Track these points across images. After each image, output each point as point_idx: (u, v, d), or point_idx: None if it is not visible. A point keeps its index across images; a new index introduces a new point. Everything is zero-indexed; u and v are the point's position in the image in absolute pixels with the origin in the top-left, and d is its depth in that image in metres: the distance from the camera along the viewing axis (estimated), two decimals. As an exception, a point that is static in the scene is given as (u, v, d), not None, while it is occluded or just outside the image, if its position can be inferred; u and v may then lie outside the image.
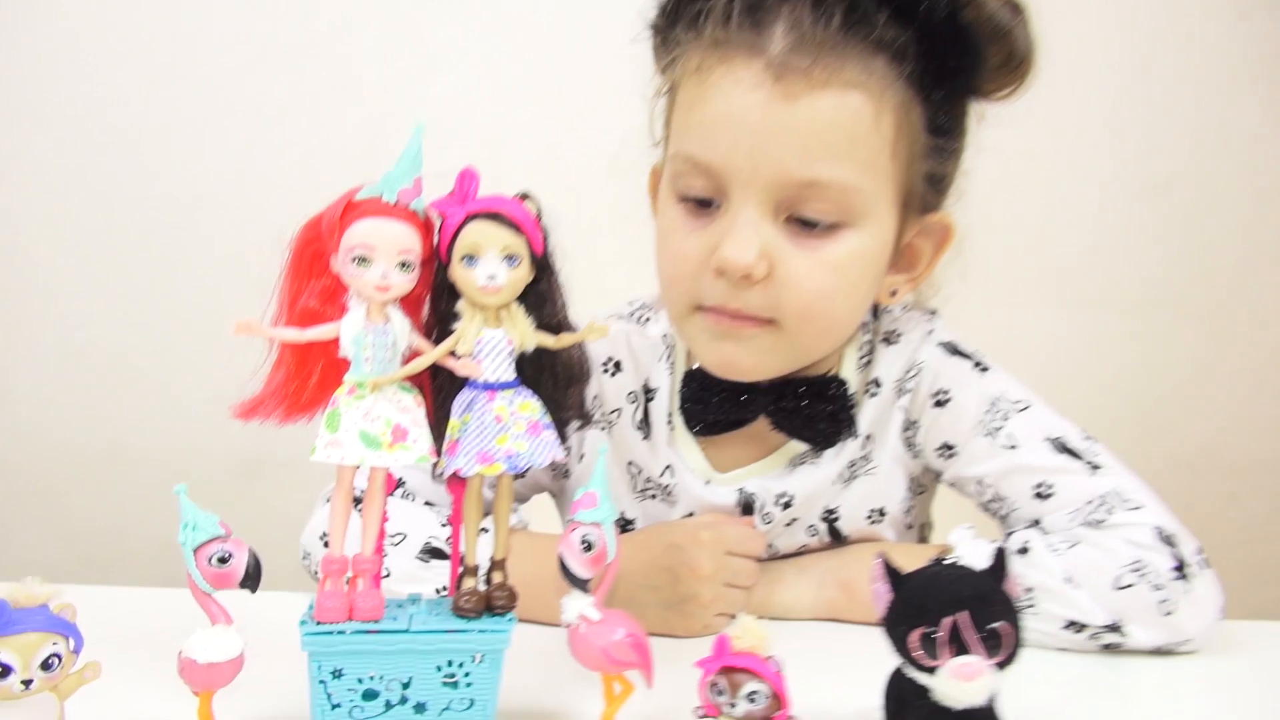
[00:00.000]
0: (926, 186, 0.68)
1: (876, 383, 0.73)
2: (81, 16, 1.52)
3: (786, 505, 0.72)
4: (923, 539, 0.80)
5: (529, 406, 0.48)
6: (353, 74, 1.51)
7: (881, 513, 0.74)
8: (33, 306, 1.60)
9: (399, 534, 0.67)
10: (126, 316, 1.59)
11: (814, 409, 0.71)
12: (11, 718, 0.41)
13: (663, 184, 0.70)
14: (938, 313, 0.76)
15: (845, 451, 0.73)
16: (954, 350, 0.74)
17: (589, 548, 0.47)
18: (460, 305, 0.47)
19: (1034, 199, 1.53)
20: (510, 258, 0.46)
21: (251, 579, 0.45)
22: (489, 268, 0.46)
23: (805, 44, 0.61)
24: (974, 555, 0.54)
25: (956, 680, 0.43)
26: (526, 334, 0.47)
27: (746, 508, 0.73)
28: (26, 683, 0.40)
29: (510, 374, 0.47)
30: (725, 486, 0.73)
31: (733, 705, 0.44)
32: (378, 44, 1.50)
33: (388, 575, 0.53)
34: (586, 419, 0.53)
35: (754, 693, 0.44)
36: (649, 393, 0.76)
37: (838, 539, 0.75)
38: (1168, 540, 0.65)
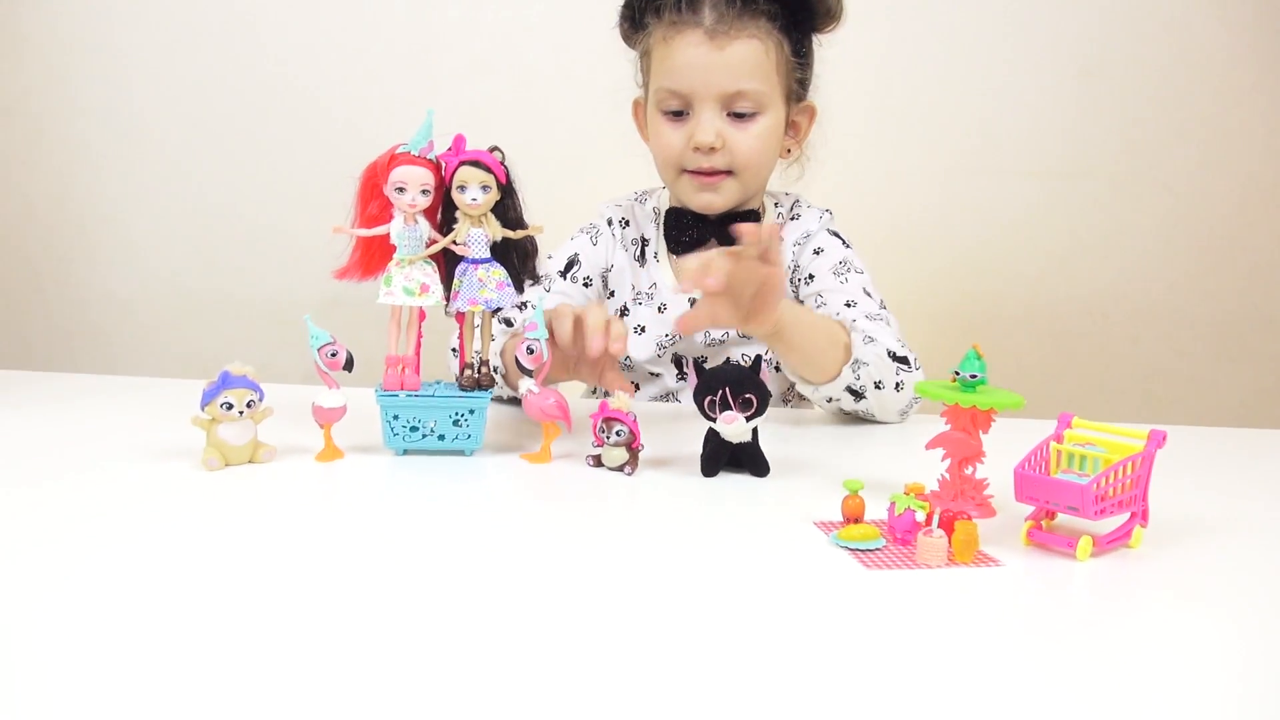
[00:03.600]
0: (797, 86, 1.12)
1: (782, 239, 1.14)
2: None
3: None
4: None
5: (498, 273, 0.82)
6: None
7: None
8: (155, 170, 1.88)
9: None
10: (236, 181, 1.87)
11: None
12: (232, 430, 0.79)
13: (649, 108, 1.14)
14: (829, 210, 1.19)
15: None
16: (832, 232, 1.17)
17: (532, 352, 0.83)
18: (458, 214, 0.81)
19: (985, 84, 1.77)
20: (485, 187, 0.80)
21: (349, 364, 0.81)
22: (472, 193, 0.80)
23: (724, 19, 1.05)
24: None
25: (725, 425, 0.79)
26: (496, 230, 0.82)
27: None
28: (240, 413, 0.78)
29: (486, 254, 0.82)
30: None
31: (608, 437, 0.81)
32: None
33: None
34: (536, 279, 0.87)
35: (619, 430, 0.80)
36: (645, 240, 1.20)
37: None
38: (899, 342, 1.04)
